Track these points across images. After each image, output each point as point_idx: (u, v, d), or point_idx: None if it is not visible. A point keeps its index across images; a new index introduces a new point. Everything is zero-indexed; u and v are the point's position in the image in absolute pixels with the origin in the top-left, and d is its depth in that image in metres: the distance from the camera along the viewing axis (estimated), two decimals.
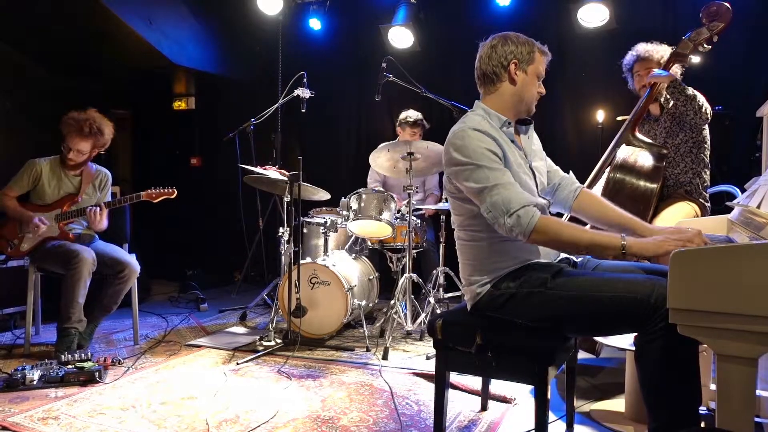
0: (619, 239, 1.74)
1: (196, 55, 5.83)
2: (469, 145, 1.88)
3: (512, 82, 2.01)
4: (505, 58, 1.99)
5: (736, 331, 1.34)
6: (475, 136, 1.88)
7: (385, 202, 3.80)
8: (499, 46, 2.01)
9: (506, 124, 2.00)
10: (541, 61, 2.04)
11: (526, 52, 2.00)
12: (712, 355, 2.28)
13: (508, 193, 1.80)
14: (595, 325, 1.84)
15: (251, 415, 2.49)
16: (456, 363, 1.98)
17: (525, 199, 1.81)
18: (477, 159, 1.85)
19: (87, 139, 3.50)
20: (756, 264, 1.31)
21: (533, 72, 2.02)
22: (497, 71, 2.01)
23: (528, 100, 2.05)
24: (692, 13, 2.93)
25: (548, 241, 1.81)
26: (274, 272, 5.08)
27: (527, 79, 2.02)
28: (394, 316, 3.62)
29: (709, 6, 2.71)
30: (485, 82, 2.06)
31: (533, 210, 1.79)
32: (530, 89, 2.03)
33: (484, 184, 1.83)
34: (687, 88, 2.82)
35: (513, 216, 1.77)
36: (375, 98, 3.82)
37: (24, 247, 3.44)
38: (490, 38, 2.06)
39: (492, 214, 1.81)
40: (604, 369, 3.17)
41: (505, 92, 2.02)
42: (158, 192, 3.61)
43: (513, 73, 1.99)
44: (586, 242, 1.78)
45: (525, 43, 2.01)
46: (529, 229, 1.76)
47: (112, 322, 4.07)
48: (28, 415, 2.46)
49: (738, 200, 2.36)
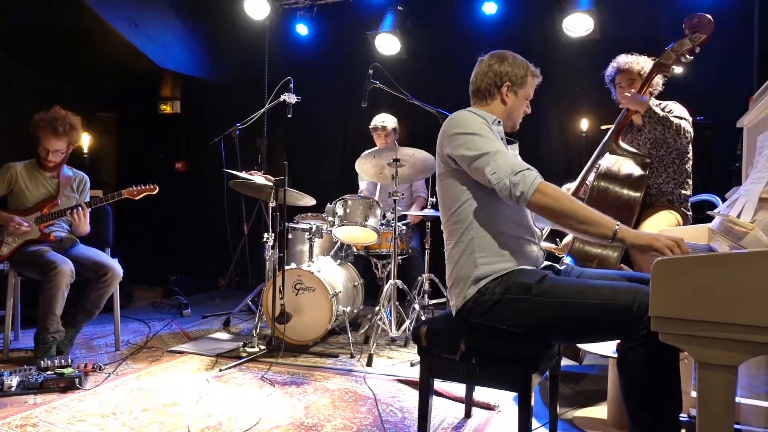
0: (613, 223, 1.75)
1: (182, 59, 5.80)
2: (468, 119, 1.96)
3: (503, 102, 2.11)
4: (499, 79, 2.08)
5: (717, 339, 1.36)
6: (472, 118, 1.97)
7: (370, 209, 3.80)
8: (496, 65, 2.09)
9: (496, 122, 2.06)
10: (533, 84, 2.14)
11: (521, 75, 2.09)
12: (693, 363, 2.30)
13: (511, 158, 1.86)
14: (578, 331, 1.85)
15: (234, 422, 2.47)
16: (440, 370, 1.98)
17: (528, 165, 1.86)
18: (478, 130, 1.92)
19: (62, 137, 3.47)
20: (736, 273, 1.33)
21: (523, 95, 2.12)
22: (491, 89, 2.10)
23: (514, 119, 2.15)
24: (675, 24, 2.98)
25: (547, 206, 1.80)
26: (259, 278, 5.06)
27: (517, 102, 2.12)
28: (378, 323, 3.61)
29: (692, 17, 2.75)
30: (477, 96, 2.15)
31: (537, 173, 1.84)
32: (518, 110, 2.14)
33: (486, 150, 1.87)
34: (666, 117, 2.86)
35: (518, 174, 1.80)
36: (362, 104, 3.82)
37: (3, 251, 3.39)
38: (488, 55, 2.14)
39: (496, 175, 1.83)
40: (587, 376, 3.18)
41: (496, 109, 2.12)
42: (140, 189, 3.59)
43: (504, 94, 2.09)
44: (581, 216, 1.78)
45: (520, 66, 2.09)
46: (534, 187, 1.78)
47: (93, 327, 4.02)
48: (5, 422, 2.42)
49: (719, 209, 2.39)
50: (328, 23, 5.76)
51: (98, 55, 5.43)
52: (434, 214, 3.94)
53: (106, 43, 5.09)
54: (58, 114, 3.46)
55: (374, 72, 3.80)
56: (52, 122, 3.42)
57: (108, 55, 5.41)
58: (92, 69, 5.69)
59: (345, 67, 5.70)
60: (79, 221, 3.44)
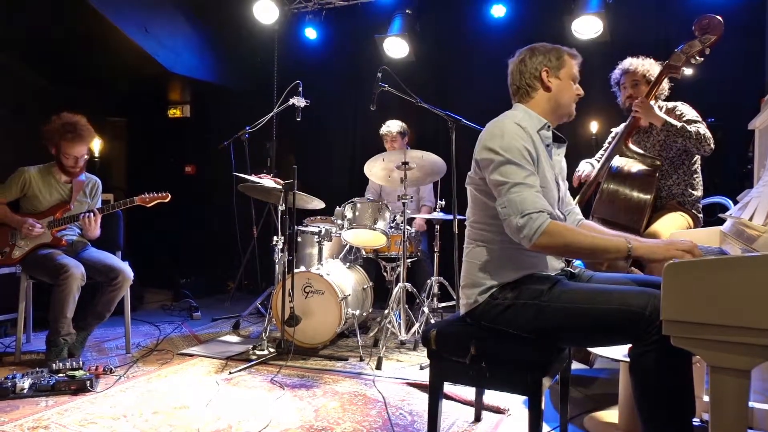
0: (625, 242, 1.74)
1: (191, 63, 5.83)
2: (506, 136, 1.87)
3: (547, 89, 2.02)
4: (535, 69, 2.01)
5: (729, 343, 1.35)
6: (514, 130, 1.88)
7: (379, 212, 3.80)
8: (527, 59, 2.03)
9: (545, 127, 2.00)
10: (573, 64, 2.05)
11: (555, 58, 2.02)
12: (706, 367, 2.28)
13: (528, 194, 1.80)
14: (589, 336, 1.84)
15: (244, 425, 2.48)
16: (450, 373, 1.98)
17: (542, 205, 1.80)
18: (509, 153, 1.84)
19: (86, 142, 3.52)
20: (748, 276, 1.32)
21: (567, 76, 2.03)
22: (531, 82, 2.02)
23: (566, 104, 2.06)
24: (684, 26, 2.96)
25: (553, 245, 1.78)
26: (268, 281, 5.07)
27: (562, 84, 2.03)
28: (388, 326, 3.61)
29: (702, 19, 2.74)
30: (520, 95, 2.07)
31: (546, 216, 1.77)
32: (567, 93, 2.04)
33: (507, 179, 1.82)
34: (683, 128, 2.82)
35: (525, 217, 1.76)
36: (370, 108, 3.83)
37: (16, 254, 3.42)
38: (517, 54, 2.07)
39: (506, 210, 1.80)
40: (598, 380, 3.17)
41: (541, 99, 2.03)
42: (152, 196, 3.60)
43: (546, 80, 2.01)
44: (592, 247, 1.78)
45: (552, 50, 2.03)
46: (538, 233, 1.75)
47: (104, 330, 4.04)
48: (18, 424, 2.44)
49: (730, 212, 2.37)
50: (337, 27, 5.78)
51: (109, 59, 5.47)
52: (443, 218, 3.94)
53: (117, 48, 5.13)
54: (75, 119, 3.48)
55: (383, 75, 3.81)
56: (74, 129, 3.45)
57: (118, 60, 5.45)
58: (102, 74, 5.73)
59: (353, 70, 5.71)
60: (90, 226, 3.47)
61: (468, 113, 3.75)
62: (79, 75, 5.67)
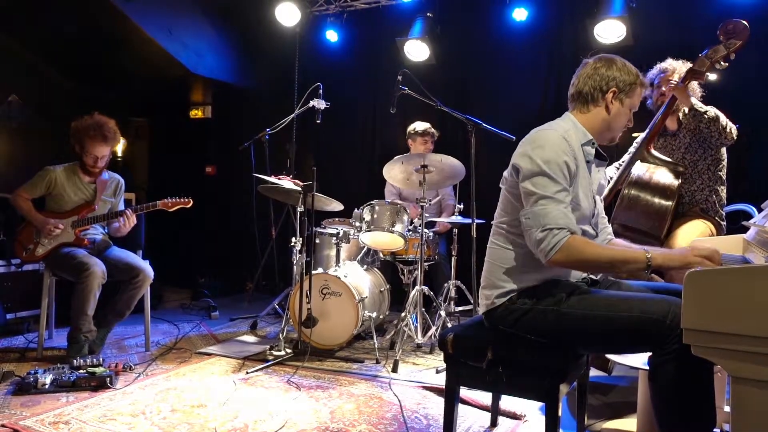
0: (644, 253, 1.73)
1: (213, 65, 5.90)
2: (547, 148, 1.83)
3: (607, 110, 1.97)
4: (606, 83, 1.95)
5: (751, 353, 1.33)
6: (557, 143, 1.84)
7: (398, 214, 3.80)
8: (604, 69, 1.96)
9: (590, 143, 1.97)
10: (640, 94, 2.00)
11: (629, 82, 1.96)
12: (727, 377, 2.25)
13: (553, 208, 1.77)
14: (609, 344, 1.83)
15: (260, 425, 2.49)
16: (466, 378, 1.97)
17: (564, 222, 1.76)
18: (548, 165, 1.80)
19: (110, 143, 3.57)
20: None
21: (629, 104, 1.98)
22: (594, 94, 1.96)
23: (615, 130, 2.02)
24: (709, 30, 2.92)
25: (570, 261, 1.76)
26: (286, 282, 5.10)
27: (621, 110, 1.98)
28: (404, 329, 3.61)
29: (727, 24, 2.70)
30: (578, 101, 2.01)
31: (566, 233, 1.74)
32: (621, 120, 2.00)
33: (538, 191, 1.79)
34: (707, 111, 2.79)
35: (545, 232, 1.74)
36: (390, 110, 3.83)
37: (39, 252, 3.48)
38: (595, 58, 2.01)
39: (528, 221, 1.79)
40: (616, 387, 3.13)
41: (597, 117, 1.98)
42: (174, 201, 3.64)
43: (609, 101, 1.95)
44: (610, 261, 1.76)
45: (629, 73, 1.97)
46: (555, 249, 1.72)
47: (124, 327, 4.09)
48: (39, 419, 2.48)
49: (754, 220, 2.34)
50: (358, 30, 5.80)
51: (133, 61, 5.56)
52: (461, 221, 3.93)
53: (141, 49, 5.21)
54: (103, 120, 3.54)
55: (403, 78, 3.81)
56: (100, 129, 3.50)
57: (142, 62, 5.54)
58: (126, 75, 5.82)
59: (374, 73, 5.72)
60: (125, 227, 3.53)
61: (488, 117, 3.73)
62: (102, 75, 5.76)
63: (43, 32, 5.08)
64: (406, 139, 4.71)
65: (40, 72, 5.49)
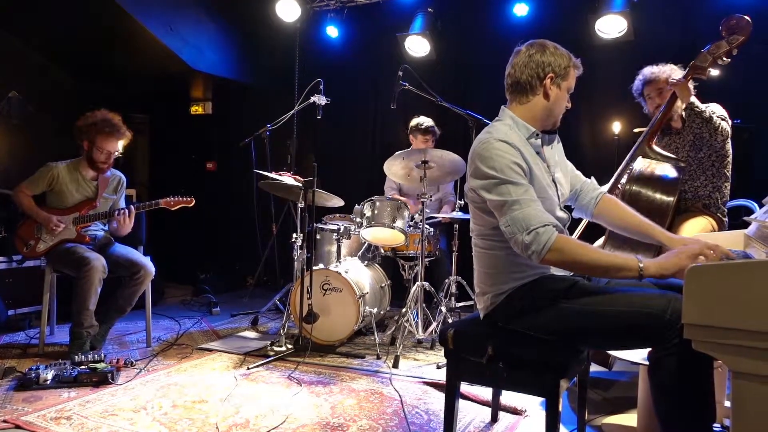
0: (636, 262, 1.68)
1: (214, 61, 5.89)
2: (494, 156, 1.83)
3: (546, 96, 1.95)
4: (542, 70, 1.93)
5: (752, 348, 1.32)
6: (502, 148, 1.83)
7: (398, 210, 3.80)
8: (538, 55, 1.94)
9: (534, 135, 1.97)
10: (574, 76, 2.00)
11: (564, 66, 1.95)
12: (727, 372, 2.25)
13: (530, 210, 1.77)
14: (608, 339, 1.82)
15: (261, 420, 2.50)
16: (467, 373, 1.97)
17: (545, 218, 1.77)
18: (501, 172, 1.81)
19: (121, 139, 3.58)
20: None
21: (566, 87, 1.97)
22: (532, 82, 1.94)
23: (556, 115, 2.01)
24: (711, 26, 2.91)
25: (563, 261, 1.76)
26: (287, 277, 5.11)
27: (560, 94, 1.97)
28: (405, 325, 3.61)
29: (729, 19, 2.69)
30: (517, 91, 1.99)
31: (552, 230, 1.75)
32: (561, 104, 1.99)
33: (506, 198, 1.79)
34: (704, 111, 2.80)
35: (532, 233, 1.74)
36: (391, 106, 3.82)
37: (40, 248, 3.48)
38: (527, 45, 1.99)
39: (510, 228, 1.78)
40: (617, 383, 3.13)
41: (537, 105, 1.97)
42: (176, 200, 3.64)
43: (548, 87, 1.94)
44: (601, 264, 1.73)
45: (563, 56, 1.96)
46: (547, 247, 1.72)
47: (125, 323, 4.10)
48: (41, 415, 2.49)
49: (755, 215, 2.33)
50: (358, 25, 5.79)
51: (133, 57, 5.54)
52: (462, 217, 3.93)
53: (142, 45, 5.19)
54: (112, 116, 3.54)
55: (403, 74, 3.80)
56: (112, 124, 3.50)
57: (143, 58, 5.52)
58: (127, 71, 5.82)
59: (374, 68, 5.72)
60: (125, 224, 3.52)
61: (488, 112, 3.70)
62: (103, 72, 5.76)
63: (44, 28, 5.07)
64: (407, 134, 4.70)
65: (41, 68, 5.49)
